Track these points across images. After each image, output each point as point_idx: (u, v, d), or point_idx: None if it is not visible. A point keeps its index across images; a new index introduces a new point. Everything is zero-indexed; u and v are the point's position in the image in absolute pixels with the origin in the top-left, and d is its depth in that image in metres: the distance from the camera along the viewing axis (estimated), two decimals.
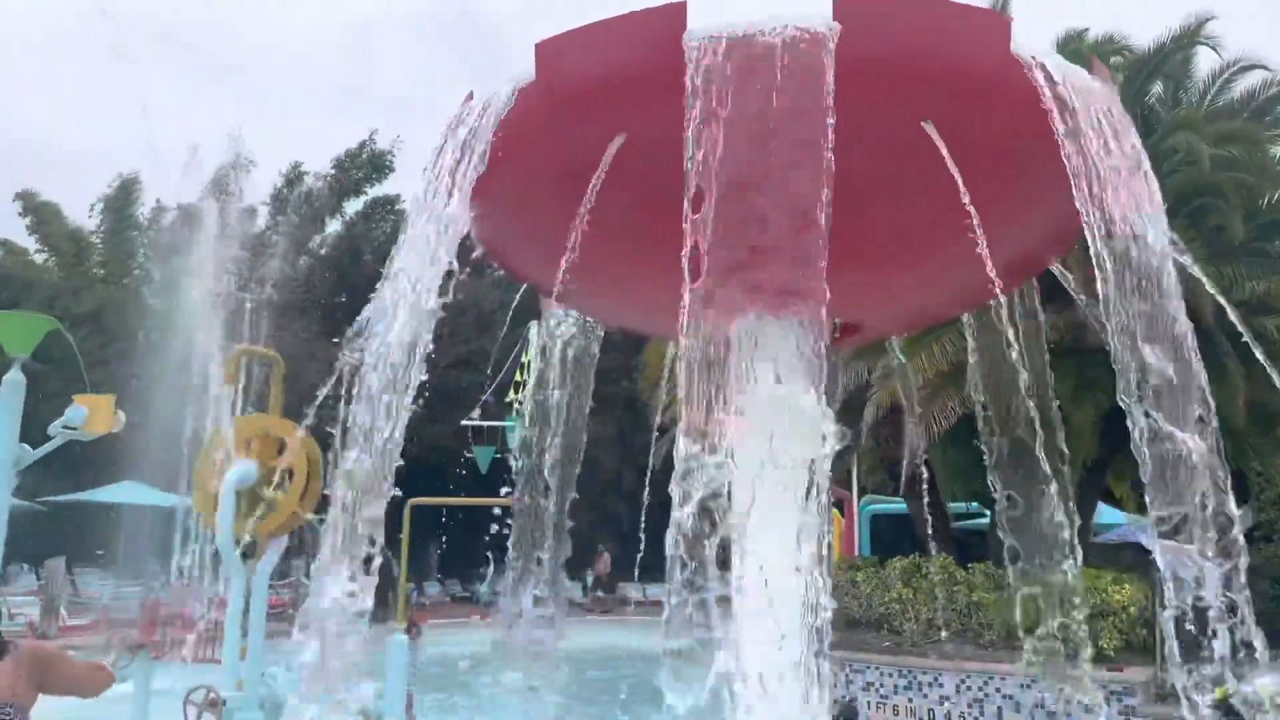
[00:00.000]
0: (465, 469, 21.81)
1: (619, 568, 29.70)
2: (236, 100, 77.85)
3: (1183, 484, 2.45)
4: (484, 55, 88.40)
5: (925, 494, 14.21)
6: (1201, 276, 2.71)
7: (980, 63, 2.63)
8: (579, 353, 4.28)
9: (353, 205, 33.49)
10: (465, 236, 2.90)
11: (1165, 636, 2.44)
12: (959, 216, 2.81)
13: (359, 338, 2.72)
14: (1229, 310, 2.72)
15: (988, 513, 17.43)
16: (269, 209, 32.62)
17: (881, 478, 22.09)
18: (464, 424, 25.24)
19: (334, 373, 2.75)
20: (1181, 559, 2.37)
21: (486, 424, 25.85)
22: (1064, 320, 11.28)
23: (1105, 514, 20.01)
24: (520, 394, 22.12)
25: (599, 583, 29.68)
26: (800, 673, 2.78)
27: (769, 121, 2.33)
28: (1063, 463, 4.00)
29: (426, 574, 30.57)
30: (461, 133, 2.67)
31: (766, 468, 2.46)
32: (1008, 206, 3.15)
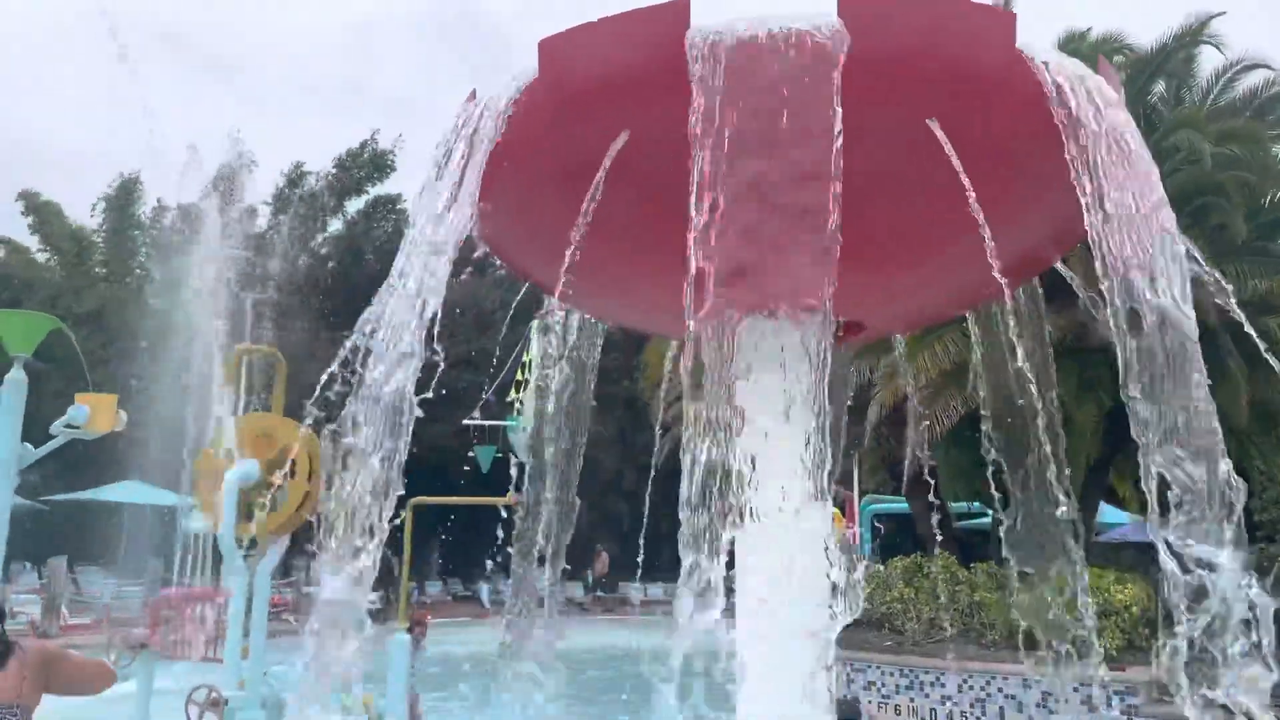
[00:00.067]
0: (467, 468, 21.80)
1: (620, 567, 29.73)
2: (236, 100, 77.89)
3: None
4: (484, 55, 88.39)
5: (929, 493, 14.19)
6: (1218, 276, 2.68)
7: (985, 60, 2.62)
8: (581, 352, 4.26)
9: (354, 204, 33.55)
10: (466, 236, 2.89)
11: (1171, 648, 2.41)
12: (961, 215, 2.80)
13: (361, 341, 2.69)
14: (1237, 313, 2.69)
15: (989, 512, 17.42)
16: (270, 209, 32.67)
17: (882, 477, 22.07)
18: (465, 423, 25.26)
19: (335, 377, 2.72)
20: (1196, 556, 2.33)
21: (488, 423, 25.88)
22: (1065, 319, 11.28)
23: (1108, 514, 20.01)
24: (521, 393, 22.11)
25: (597, 583, 29.70)
26: (804, 671, 2.77)
27: (773, 121, 2.32)
28: (1066, 464, 3.98)
29: (428, 573, 30.59)
30: (465, 131, 2.67)
31: (771, 470, 2.45)
32: (1011, 205, 3.14)
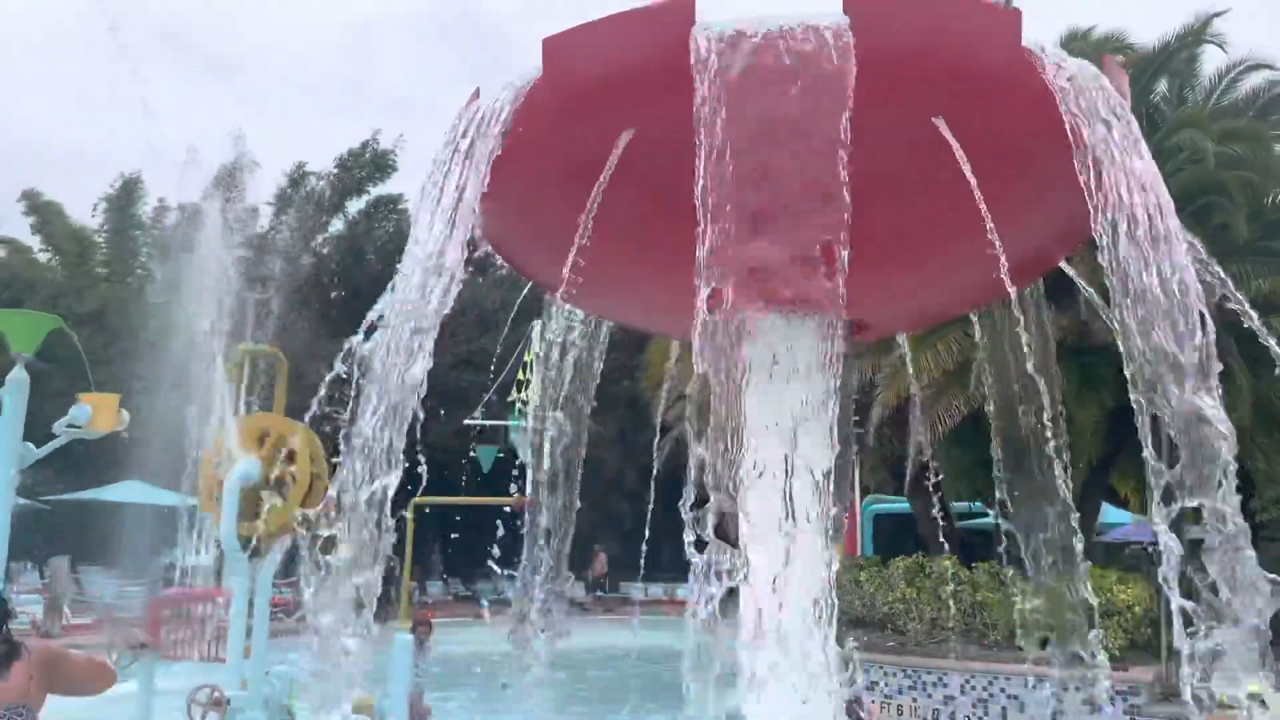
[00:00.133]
0: (468, 468, 21.79)
1: (621, 567, 29.70)
2: (236, 100, 77.93)
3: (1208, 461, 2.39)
4: (484, 55, 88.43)
5: (931, 493, 14.15)
6: (1225, 278, 2.67)
7: (991, 58, 2.61)
8: (583, 352, 4.26)
9: (355, 204, 33.51)
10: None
11: (1170, 636, 2.40)
12: (965, 214, 2.79)
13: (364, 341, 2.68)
14: (1247, 313, 2.67)
15: (991, 512, 17.40)
16: (272, 209, 32.65)
17: (884, 477, 22.02)
18: (466, 423, 25.24)
19: (337, 376, 2.71)
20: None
21: (489, 423, 25.85)
22: (1067, 319, 11.26)
23: (1109, 514, 19.99)
24: (523, 393, 22.10)
25: (596, 583, 29.66)
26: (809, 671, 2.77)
27: (780, 119, 2.31)
28: (1069, 465, 3.97)
29: (429, 573, 30.58)
30: (470, 131, 2.66)
31: (777, 472, 2.44)
32: (1016, 203, 3.13)
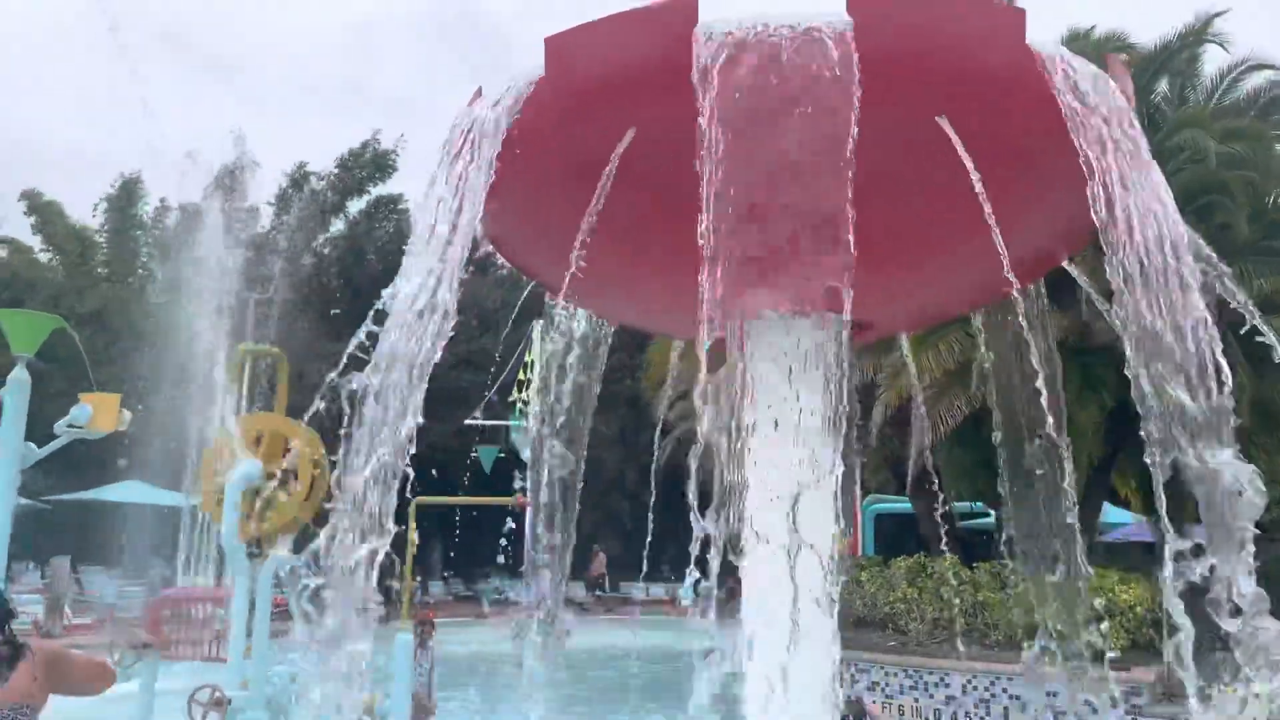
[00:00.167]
0: (469, 468, 21.79)
1: (622, 566, 29.70)
2: (236, 100, 77.98)
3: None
4: (484, 55, 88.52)
5: (933, 492, 14.15)
6: (1229, 277, 2.66)
7: (994, 57, 2.60)
8: (586, 352, 4.25)
9: (356, 204, 33.55)
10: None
11: (1176, 636, 2.39)
12: (966, 214, 2.78)
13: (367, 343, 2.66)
14: (1253, 316, 2.66)
15: (992, 512, 17.39)
16: (273, 209, 32.68)
17: (885, 477, 22.03)
18: (467, 423, 25.25)
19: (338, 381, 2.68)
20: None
21: (490, 423, 25.86)
22: (1068, 319, 11.26)
23: (1110, 514, 20.00)
24: (524, 393, 22.10)
25: (594, 583, 29.66)
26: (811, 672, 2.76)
27: (784, 119, 2.30)
28: (1073, 465, 3.96)
29: (430, 573, 30.59)
30: (473, 130, 2.65)
31: (780, 472, 2.44)
32: (1019, 203, 3.13)
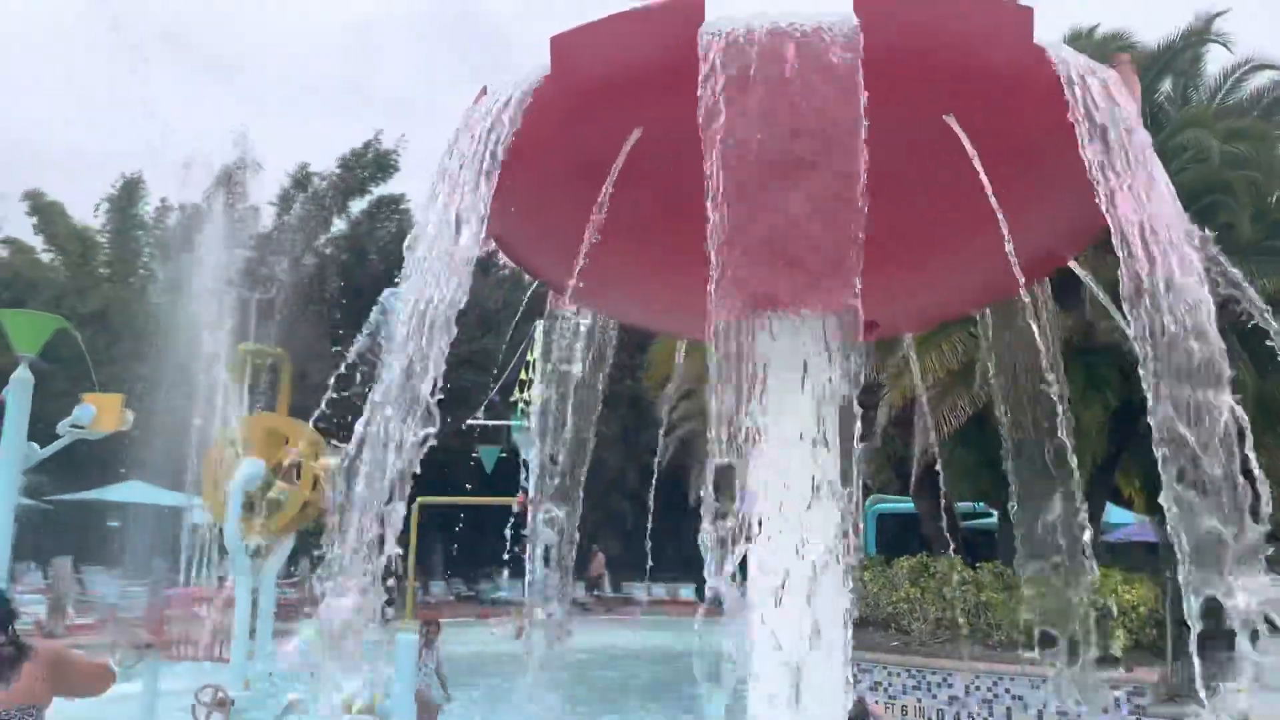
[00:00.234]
0: (471, 468, 21.81)
1: (623, 566, 29.68)
2: (237, 100, 77.99)
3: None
4: (484, 55, 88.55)
5: (937, 493, 14.12)
6: (1235, 276, 2.65)
7: (1002, 56, 2.59)
8: (590, 352, 4.24)
9: (358, 204, 33.55)
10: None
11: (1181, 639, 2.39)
12: (970, 213, 2.77)
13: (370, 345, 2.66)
14: (1262, 315, 2.65)
15: (994, 512, 17.37)
16: (275, 209, 32.70)
17: (888, 476, 22.01)
18: (469, 424, 25.24)
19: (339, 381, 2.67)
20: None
21: (491, 423, 25.85)
22: (1072, 319, 11.23)
23: (1114, 514, 19.97)
24: (526, 393, 22.09)
25: (593, 584, 29.64)
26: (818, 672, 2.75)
27: (791, 118, 2.30)
28: (1076, 465, 3.95)
29: (432, 573, 30.59)
30: (479, 130, 2.64)
31: (786, 473, 2.43)
32: (1025, 202, 3.12)
